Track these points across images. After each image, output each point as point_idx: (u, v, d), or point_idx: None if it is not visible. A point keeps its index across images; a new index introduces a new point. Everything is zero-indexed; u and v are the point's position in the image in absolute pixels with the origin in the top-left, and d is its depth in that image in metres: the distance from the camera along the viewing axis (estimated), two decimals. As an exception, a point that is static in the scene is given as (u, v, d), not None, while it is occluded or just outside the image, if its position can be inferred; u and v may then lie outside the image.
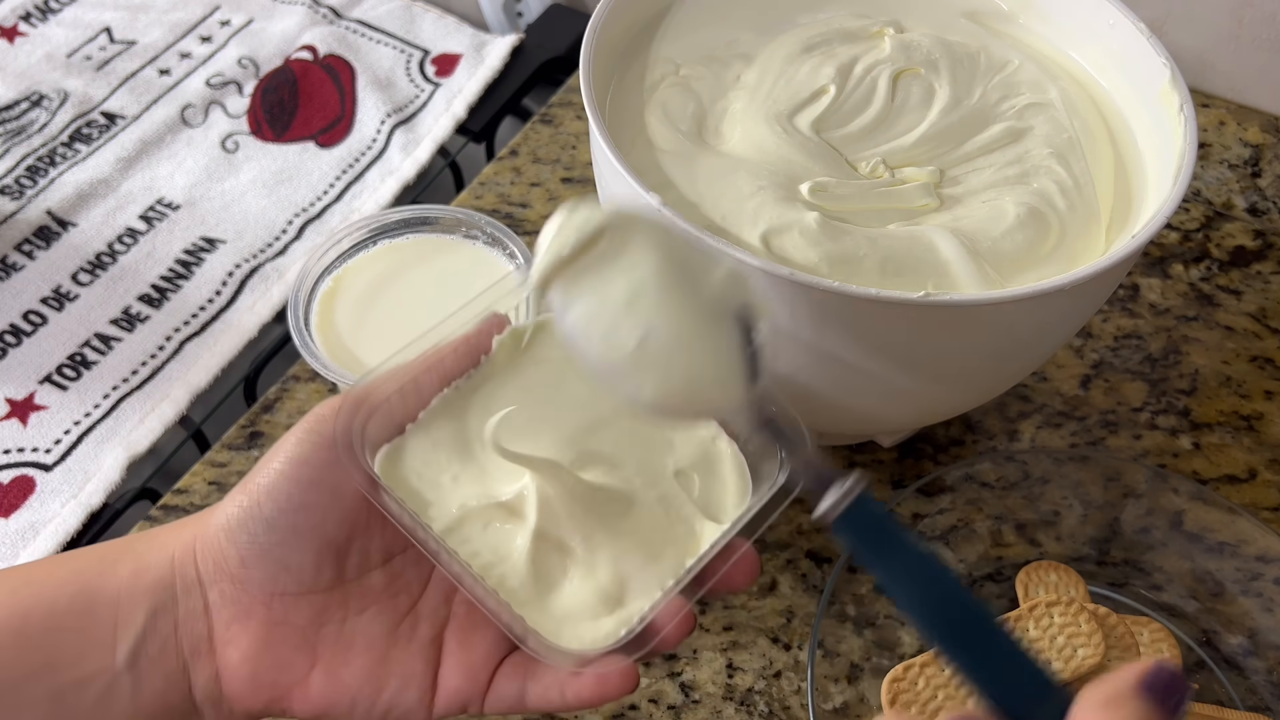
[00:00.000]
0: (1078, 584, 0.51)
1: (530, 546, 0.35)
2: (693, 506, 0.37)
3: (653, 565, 0.36)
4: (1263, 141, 0.72)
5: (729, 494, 0.38)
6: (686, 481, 0.38)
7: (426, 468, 0.37)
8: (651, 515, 0.37)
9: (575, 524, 0.36)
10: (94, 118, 0.79)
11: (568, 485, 0.36)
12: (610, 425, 0.38)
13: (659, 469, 0.38)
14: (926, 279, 0.42)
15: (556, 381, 0.39)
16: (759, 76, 0.49)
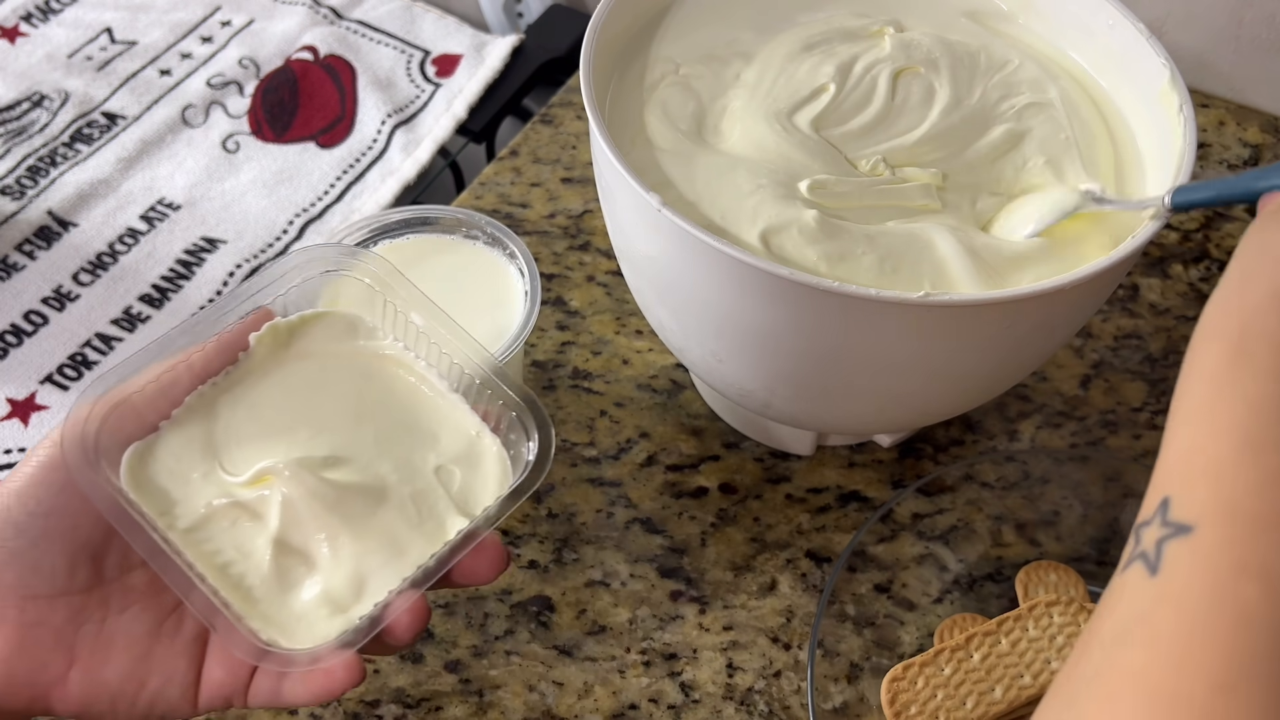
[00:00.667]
0: (1077, 584, 0.51)
1: (271, 547, 0.36)
2: (448, 502, 0.38)
3: (396, 561, 0.36)
4: (1262, 141, 0.72)
5: (489, 488, 0.38)
6: (448, 476, 0.38)
7: (178, 465, 0.37)
8: (402, 511, 0.37)
9: (319, 523, 0.36)
10: (95, 118, 0.79)
11: (309, 486, 0.36)
12: (375, 419, 0.39)
13: (418, 464, 0.38)
14: (924, 276, 0.42)
15: (320, 377, 0.39)
16: (759, 75, 0.49)
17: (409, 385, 0.40)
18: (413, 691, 0.50)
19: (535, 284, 0.52)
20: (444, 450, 0.39)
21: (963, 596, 0.52)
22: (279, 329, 0.39)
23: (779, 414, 0.50)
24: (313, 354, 0.39)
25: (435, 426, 0.39)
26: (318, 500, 0.36)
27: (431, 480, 0.38)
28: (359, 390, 0.39)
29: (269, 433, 0.38)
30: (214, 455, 0.37)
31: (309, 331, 0.40)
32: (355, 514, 0.37)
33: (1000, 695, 0.43)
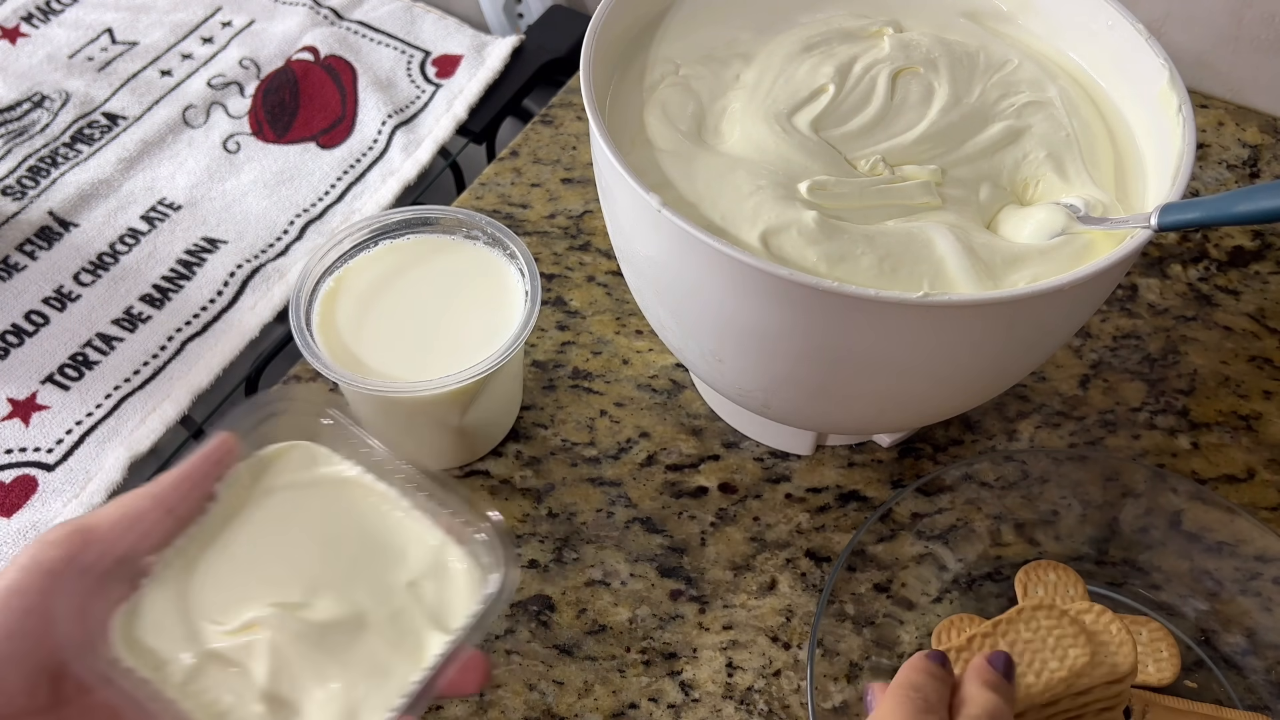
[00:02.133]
0: (1076, 583, 0.51)
1: (261, 690, 0.37)
2: (423, 618, 0.39)
3: (384, 685, 0.38)
4: (1261, 142, 0.72)
5: (460, 598, 0.40)
6: (419, 591, 0.40)
7: (164, 620, 0.38)
8: (382, 635, 0.38)
9: (306, 663, 0.37)
10: (96, 118, 0.80)
11: (293, 630, 0.38)
12: (346, 545, 0.40)
13: (391, 584, 0.39)
14: (923, 277, 0.42)
15: (289, 511, 0.40)
16: (758, 76, 0.50)
17: (372, 506, 0.41)
18: (413, 691, 0.50)
19: (535, 284, 0.52)
20: (413, 566, 0.40)
21: (962, 596, 0.52)
22: (244, 470, 0.40)
23: (779, 414, 0.50)
24: (279, 488, 0.40)
25: (402, 543, 0.40)
26: (303, 641, 0.38)
27: (405, 598, 0.39)
28: (327, 518, 0.40)
29: (247, 577, 0.39)
30: (197, 607, 0.38)
31: (273, 467, 0.41)
32: (339, 647, 0.38)
33: (1031, 678, 0.43)
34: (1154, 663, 0.49)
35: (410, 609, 0.39)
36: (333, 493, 0.41)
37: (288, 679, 0.37)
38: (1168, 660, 0.49)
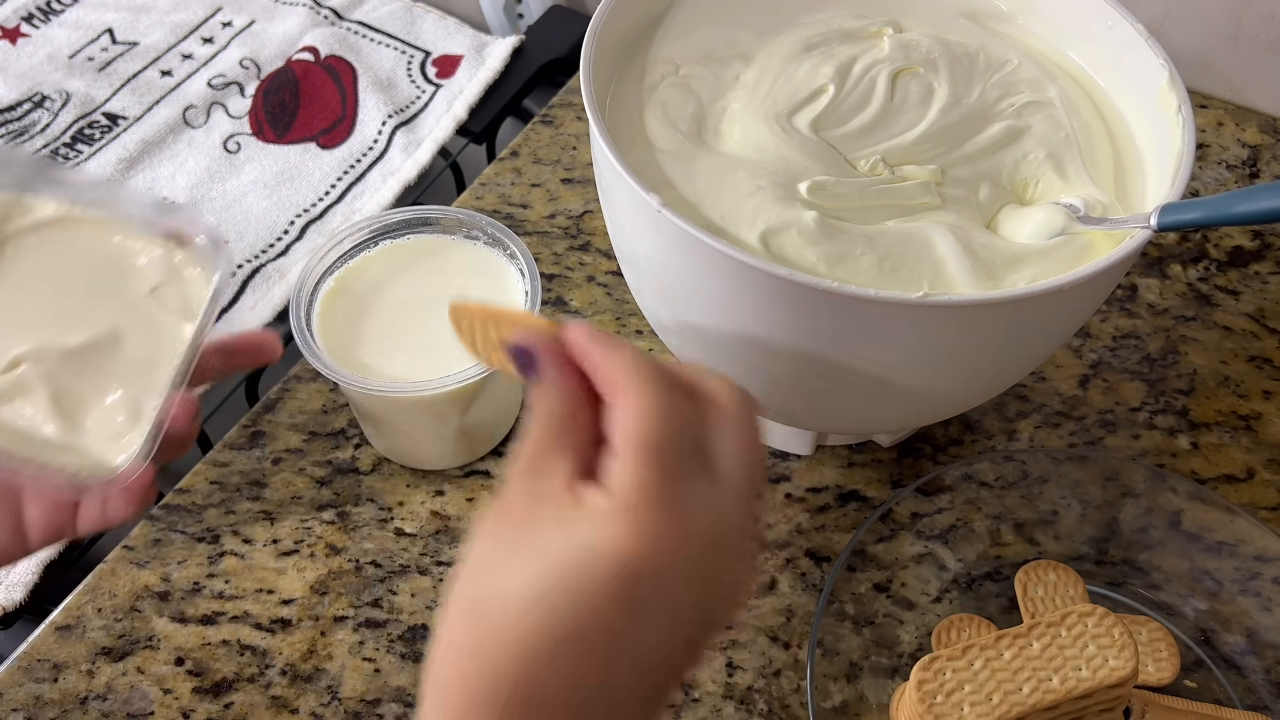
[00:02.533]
0: (1076, 583, 0.51)
1: (48, 411, 0.42)
2: (170, 315, 0.44)
3: (154, 377, 0.43)
4: (1260, 142, 0.72)
5: (199, 292, 0.45)
6: (163, 296, 0.44)
7: None
8: (139, 340, 0.44)
9: (80, 377, 0.43)
10: (96, 119, 0.80)
11: (56, 357, 0.43)
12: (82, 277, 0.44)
13: (134, 295, 0.44)
14: (923, 277, 0.42)
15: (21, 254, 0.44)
16: (758, 76, 0.50)
17: (92, 236, 0.45)
18: (413, 690, 0.51)
19: (535, 284, 0.52)
20: (149, 276, 0.45)
21: (961, 596, 0.52)
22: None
23: (778, 414, 0.50)
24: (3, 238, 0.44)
25: (131, 260, 0.45)
26: (69, 363, 0.43)
27: (151, 305, 0.44)
28: (57, 255, 0.45)
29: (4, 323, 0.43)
30: None
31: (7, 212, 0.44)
32: (104, 359, 0.43)
33: (1026, 694, 0.43)
34: (1153, 663, 0.49)
35: (158, 313, 0.44)
36: (49, 233, 0.45)
37: (69, 398, 0.43)
38: (1167, 660, 0.49)
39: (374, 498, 0.57)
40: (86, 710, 0.50)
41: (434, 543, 0.55)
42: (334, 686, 0.51)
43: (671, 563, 0.30)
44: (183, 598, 0.54)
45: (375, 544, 0.55)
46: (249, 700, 0.50)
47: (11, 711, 0.50)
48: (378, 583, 0.54)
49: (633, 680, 0.30)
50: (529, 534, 0.30)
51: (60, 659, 0.52)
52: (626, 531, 0.29)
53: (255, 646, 0.52)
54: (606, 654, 0.29)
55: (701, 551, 0.31)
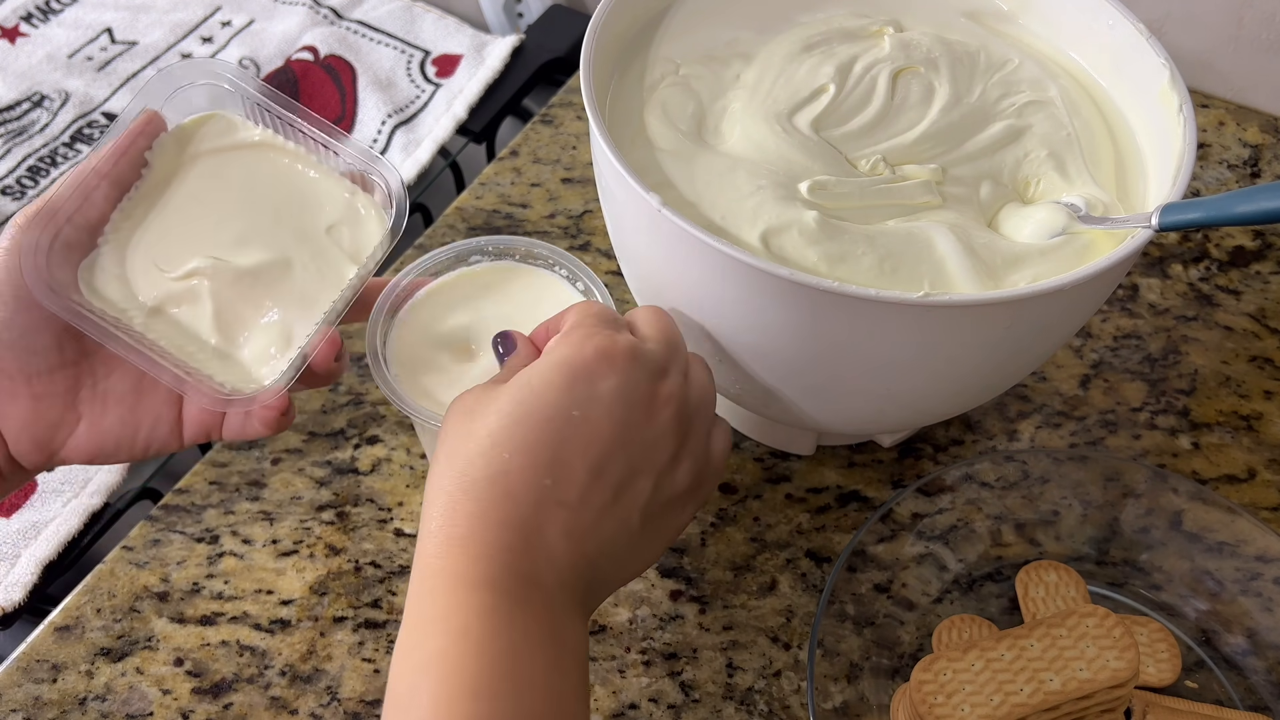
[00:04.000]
0: (1077, 584, 0.51)
1: (211, 323, 0.45)
2: (342, 255, 0.46)
3: (311, 311, 0.46)
4: (1262, 142, 0.72)
5: (372, 238, 0.47)
6: (337, 234, 0.46)
7: (121, 272, 0.44)
8: (307, 271, 0.46)
9: (245, 299, 0.45)
10: (95, 118, 0.79)
11: (230, 273, 0.45)
12: (270, 200, 0.46)
13: (312, 228, 0.46)
14: (923, 276, 0.42)
15: (217, 173, 0.46)
16: (758, 76, 0.49)
17: (288, 166, 0.47)
18: (413, 691, 0.50)
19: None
20: (330, 214, 0.47)
21: (962, 596, 0.52)
22: (169, 139, 0.45)
23: (779, 414, 0.50)
24: (203, 154, 0.46)
25: (318, 196, 0.47)
26: (240, 282, 0.45)
27: (325, 240, 0.46)
28: (249, 176, 0.46)
29: (186, 232, 0.45)
30: (149, 259, 0.45)
31: (196, 135, 0.46)
32: (271, 283, 0.45)
33: (1027, 694, 0.43)
34: (1154, 663, 0.49)
35: (330, 249, 0.46)
36: (251, 155, 0.47)
37: (231, 312, 0.45)
38: (1168, 661, 0.49)
39: (373, 498, 0.57)
40: (85, 711, 0.50)
41: (434, 543, 0.55)
42: (333, 687, 0.51)
43: (599, 366, 0.38)
44: (182, 598, 0.53)
45: (375, 544, 0.55)
46: (248, 701, 0.50)
47: (10, 712, 0.50)
48: (377, 583, 0.54)
49: (579, 451, 0.37)
50: (489, 394, 0.39)
51: (59, 659, 0.52)
52: (564, 347, 0.39)
53: (254, 647, 0.52)
54: (555, 430, 0.37)
55: (626, 364, 0.39)
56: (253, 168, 0.47)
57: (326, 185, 0.47)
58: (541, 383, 0.38)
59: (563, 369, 0.38)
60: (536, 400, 0.37)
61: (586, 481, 0.37)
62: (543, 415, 0.37)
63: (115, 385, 0.45)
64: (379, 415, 0.60)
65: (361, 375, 0.62)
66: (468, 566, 0.35)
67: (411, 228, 0.74)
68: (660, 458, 0.39)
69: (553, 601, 0.36)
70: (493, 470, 0.36)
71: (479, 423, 0.38)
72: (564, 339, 0.40)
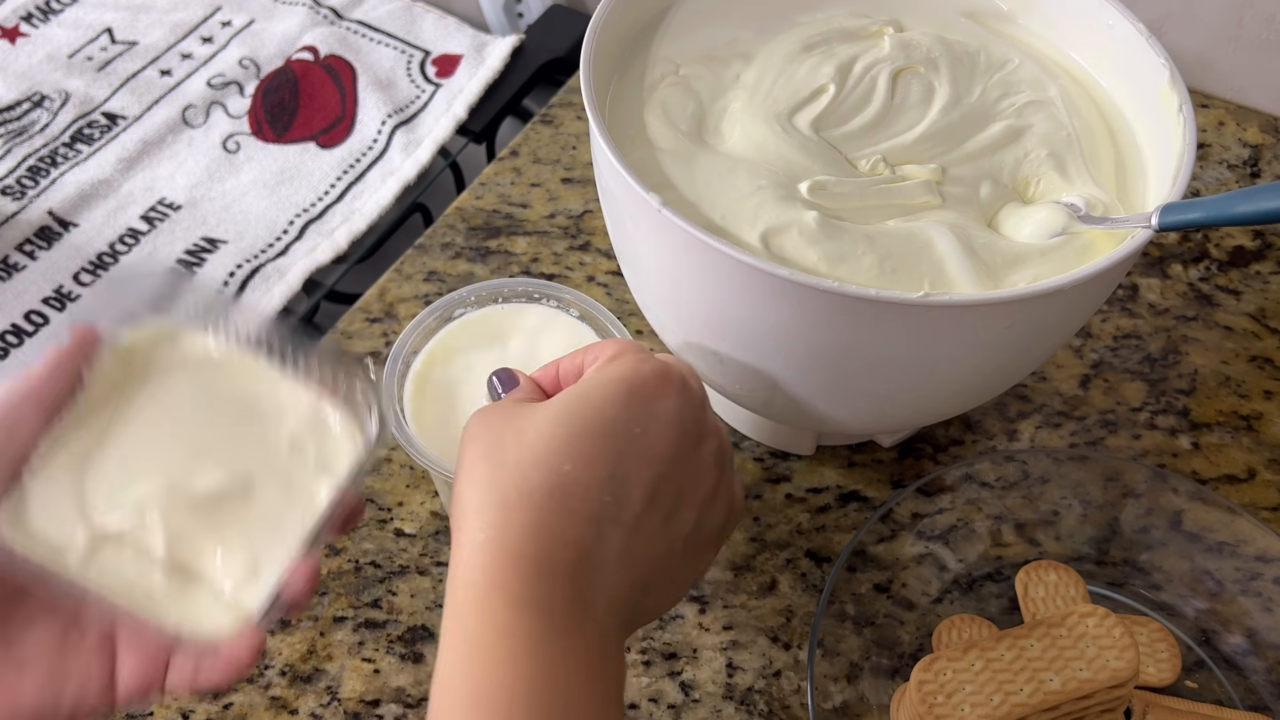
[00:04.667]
0: (1077, 584, 0.51)
1: (163, 558, 0.39)
2: (309, 470, 0.41)
3: (280, 538, 0.40)
4: (1262, 142, 0.72)
5: (342, 447, 0.42)
6: (302, 448, 0.41)
7: (53, 506, 0.39)
8: (272, 492, 0.41)
9: (203, 528, 0.39)
10: (95, 118, 0.80)
11: (184, 506, 0.39)
12: (224, 415, 0.42)
13: (273, 444, 0.41)
14: (923, 276, 0.42)
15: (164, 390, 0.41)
16: (758, 76, 0.49)
17: (243, 376, 0.43)
18: (413, 691, 0.50)
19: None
20: (291, 425, 0.42)
21: (962, 596, 0.52)
22: (111, 354, 0.41)
23: (779, 414, 0.50)
24: (148, 372, 0.41)
25: (277, 406, 0.42)
26: (195, 516, 0.39)
27: (289, 456, 0.41)
28: (200, 390, 0.42)
29: (131, 458, 0.40)
30: (85, 494, 0.39)
31: (140, 351, 0.42)
32: (232, 510, 0.40)
33: (1027, 694, 0.43)
34: (1154, 663, 0.49)
35: (295, 464, 0.41)
36: (202, 369, 0.43)
37: (187, 546, 0.39)
38: (1168, 661, 0.49)
39: (373, 498, 0.57)
40: (85, 711, 0.50)
41: (433, 543, 0.55)
42: (333, 687, 0.51)
43: (659, 385, 0.37)
44: (182, 598, 0.53)
45: (375, 544, 0.55)
46: (248, 701, 0.50)
47: (10, 712, 0.50)
48: (377, 583, 0.54)
49: (637, 469, 0.36)
50: (529, 408, 0.37)
51: (59, 659, 0.52)
52: (619, 367, 0.37)
53: (254, 647, 0.52)
54: (615, 446, 0.36)
55: (681, 387, 0.38)
56: (204, 381, 0.42)
57: (287, 393, 0.42)
58: (601, 397, 0.36)
59: (622, 385, 0.37)
60: (596, 414, 0.36)
61: (642, 503, 0.36)
62: (604, 429, 0.36)
63: (36, 641, 0.37)
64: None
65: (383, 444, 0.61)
66: (520, 587, 0.33)
67: (411, 228, 0.75)
68: (704, 489, 0.38)
69: (602, 627, 0.35)
70: (552, 482, 0.35)
71: (530, 431, 0.36)
72: (615, 362, 0.38)
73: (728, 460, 0.40)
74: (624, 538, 0.36)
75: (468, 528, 0.35)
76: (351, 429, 0.42)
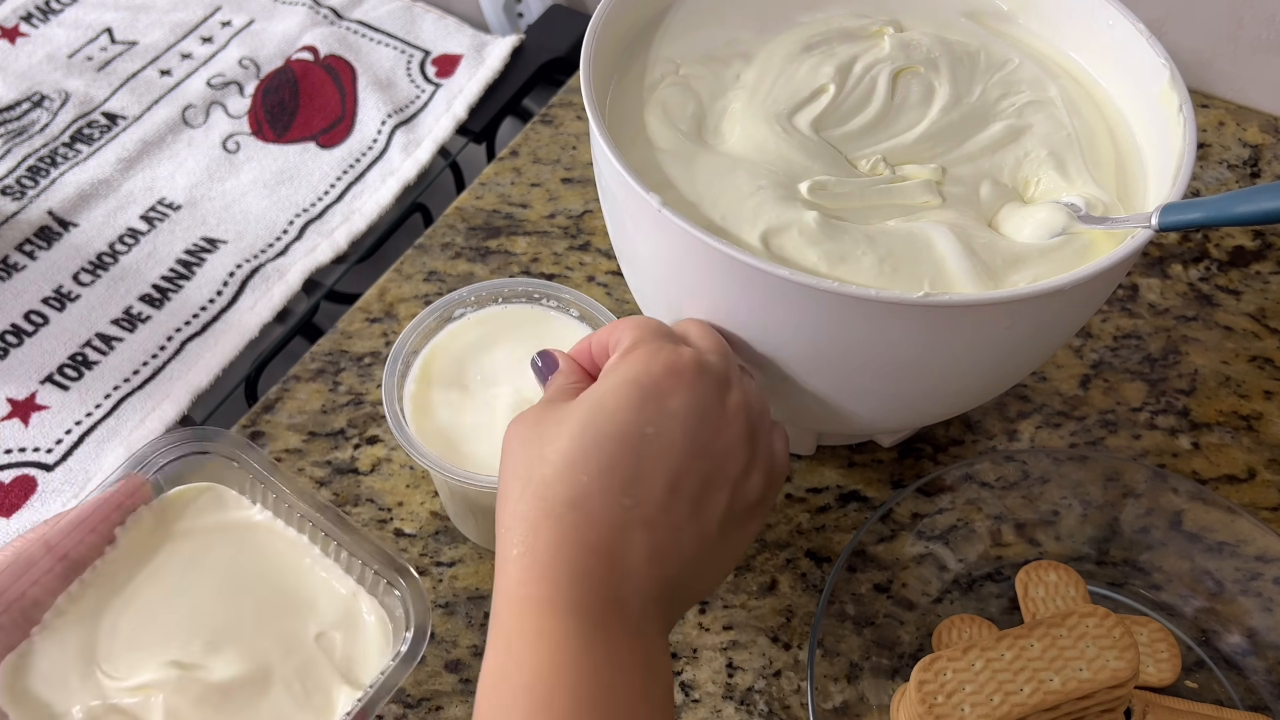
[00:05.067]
0: (1077, 584, 0.51)
1: None
2: (331, 670, 0.38)
3: None
4: (1262, 142, 0.72)
5: (371, 650, 0.39)
6: (328, 643, 0.39)
7: (55, 670, 0.36)
8: (289, 691, 0.38)
9: (210, 717, 0.36)
10: (95, 118, 0.79)
11: (194, 693, 0.36)
12: (252, 593, 0.39)
13: (299, 635, 0.39)
14: (923, 276, 0.42)
15: (194, 556, 0.39)
16: (758, 76, 0.49)
17: (281, 553, 0.40)
18: (413, 691, 0.50)
19: None
20: (322, 617, 0.39)
21: (962, 596, 0.52)
22: (148, 512, 0.39)
23: (779, 414, 0.50)
24: (184, 533, 0.39)
25: (311, 593, 0.40)
26: (205, 700, 0.36)
27: (313, 650, 0.39)
28: (234, 565, 0.39)
29: (148, 627, 0.37)
30: (93, 659, 0.37)
31: (179, 510, 0.40)
32: (242, 706, 0.37)
33: (1027, 694, 0.43)
34: (1154, 663, 0.49)
35: (318, 662, 0.38)
36: (241, 538, 0.40)
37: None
38: (1168, 661, 0.49)
39: (373, 498, 0.57)
40: (85, 711, 0.50)
41: (433, 543, 0.55)
42: (333, 687, 0.51)
43: (669, 381, 0.38)
44: (182, 598, 0.53)
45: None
46: (248, 701, 0.50)
47: (10, 712, 0.50)
48: (377, 583, 0.54)
49: (654, 469, 0.37)
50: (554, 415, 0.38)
51: (59, 660, 0.51)
52: (630, 365, 0.38)
53: (254, 647, 0.52)
54: (631, 450, 0.36)
55: (695, 378, 0.38)
56: (239, 554, 0.40)
57: (324, 580, 0.40)
58: (613, 403, 0.37)
59: (633, 387, 0.37)
60: (609, 421, 0.37)
61: (665, 499, 0.37)
62: (618, 435, 0.37)
63: None
64: (379, 415, 0.60)
65: (361, 375, 0.62)
66: (553, 593, 0.35)
67: (411, 228, 0.75)
68: (734, 469, 0.39)
69: (638, 624, 0.36)
70: (572, 494, 0.36)
71: (550, 445, 0.37)
72: (628, 357, 0.39)
73: (760, 430, 0.40)
74: (650, 537, 0.36)
75: (504, 543, 0.36)
76: (384, 638, 0.40)
